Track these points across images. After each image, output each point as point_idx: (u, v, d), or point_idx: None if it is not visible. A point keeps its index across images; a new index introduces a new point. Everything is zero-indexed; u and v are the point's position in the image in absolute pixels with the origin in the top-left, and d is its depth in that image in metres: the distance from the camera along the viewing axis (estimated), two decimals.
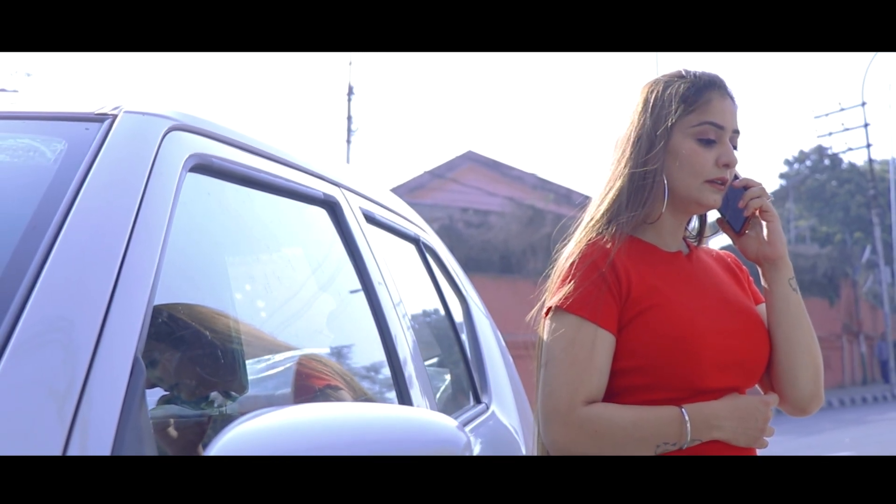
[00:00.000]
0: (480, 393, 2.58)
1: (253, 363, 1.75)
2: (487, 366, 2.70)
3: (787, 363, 1.85)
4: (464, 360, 2.61)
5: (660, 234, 1.88)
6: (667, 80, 1.86)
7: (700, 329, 1.76)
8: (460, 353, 2.62)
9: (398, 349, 1.92)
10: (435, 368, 2.76)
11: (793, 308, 1.86)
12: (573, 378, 1.72)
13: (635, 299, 1.76)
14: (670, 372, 1.74)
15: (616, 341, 1.76)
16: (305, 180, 1.80)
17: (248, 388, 1.68)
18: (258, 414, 1.02)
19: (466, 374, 2.60)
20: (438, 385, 2.72)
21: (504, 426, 2.52)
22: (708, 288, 1.87)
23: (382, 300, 1.93)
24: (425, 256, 2.61)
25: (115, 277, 1.07)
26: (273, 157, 1.68)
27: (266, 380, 1.81)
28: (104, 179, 1.20)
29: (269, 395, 1.81)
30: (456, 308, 2.78)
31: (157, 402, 1.39)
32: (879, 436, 14.81)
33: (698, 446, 1.72)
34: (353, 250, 1.91)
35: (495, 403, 2.58)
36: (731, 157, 1.81)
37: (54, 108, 1.45)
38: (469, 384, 2.59)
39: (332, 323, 1.95)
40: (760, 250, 1.87)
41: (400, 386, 1.86)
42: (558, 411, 1.72)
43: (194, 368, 1.53)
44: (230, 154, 1.51)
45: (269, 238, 1.72)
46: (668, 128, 1.80)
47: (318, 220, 1.89)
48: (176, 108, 1.43)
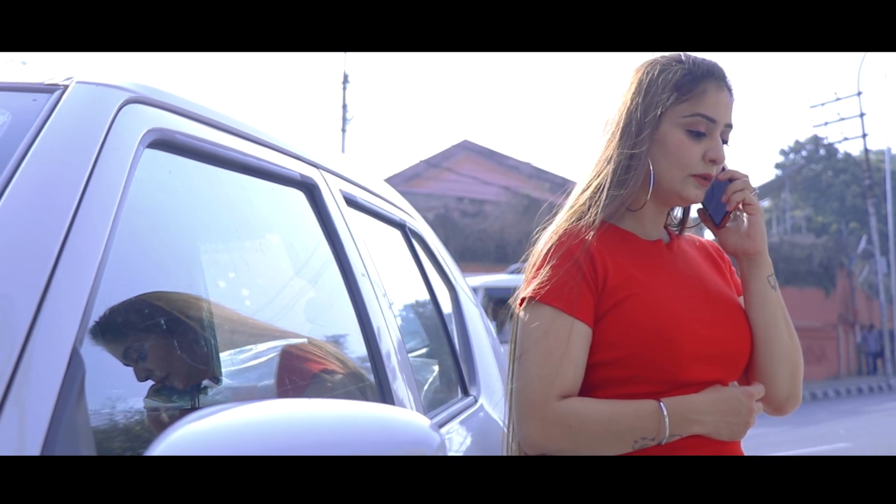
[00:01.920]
0: (469, 385, 2.49)
1: (240, 351, 1.67)
2: (476, 357, 2.61)
3: (763, 361, 1.78)
4: (451, 351, 2.51)
5: (640, 222, 1.80)
6: (663, 64, 1.76)
7: (680, 319, 1.69)
8: (448, 344, 2.52)
9: (380, 340, 1.82)
10: (422, 360, 2.66)
11: (770, 306, 1.78)
12: (548, 372, 1.65)
13: (612, 289, 1.69)
14: (649, 364, 1.67)
15: (593, 333, 1.69)
16: (281, 160, 1.70)
17: (221, 379, 1.60)
18: (212, 411, 0.92)
19: (454, 365, 2.50)
20: (426, 377, 2.62)
21: (493, 419, 2.42)
22: (688, 277, 1.79)
23: (363, 288, 1.83)
24: (411, 243, 2.50)
25: (53, 261, 0.97)
26: (245, 134, 1.58)
27: (259, 366, 1.72)
28: (48, 153, 1.10)
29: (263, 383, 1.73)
30: (444, 297, 2.68)
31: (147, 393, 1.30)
32: (875, 427, 14.78)
33: (680, 441, 1.65)
34: (332, 235, 1.81)
35: (484, 396, 2.48)
36: (718, 154, 1.73)
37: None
38: (457, 376, 2.49)
39: (309, 312, 1.85)
40: (740, 244, 1.79)
41: (381, 378, 1.76)
42: (532, 406, 1.64)
43: (179, 356, 1.44)
44: (196, 130, 1.41)
45: (240, 221, 1.61)
46: (657, 115, 1.72)
47: (295, 203, 1.79)
48: (135, 80, 1.32)
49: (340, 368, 1.75)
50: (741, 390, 1.71)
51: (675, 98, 1.72)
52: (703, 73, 1.74)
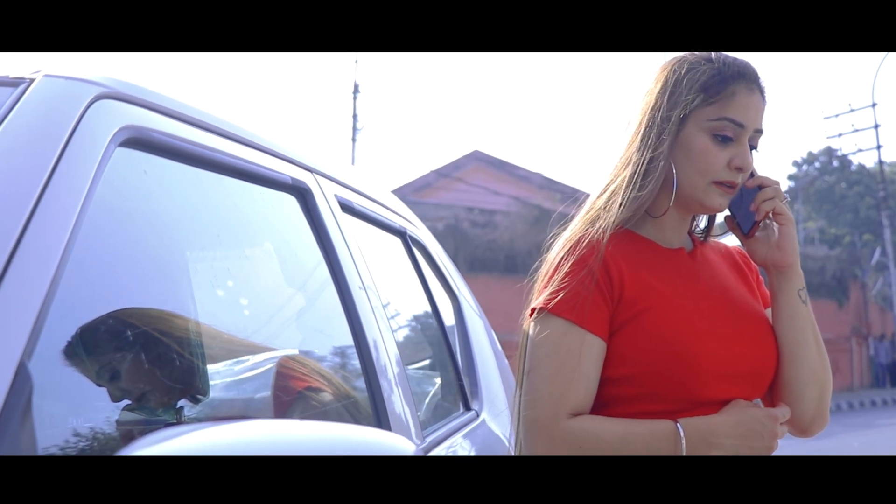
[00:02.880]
0: (470, 399, 2.39)
1: (229, 365, 1.59)
2: (479, 370, 2.51)
3: (790, 379, 1.66)
4: (452, 363, 2.42)
5: (661, 229, 1.69)
6: (691, 62, 1.65)
7: (700, 334, 1.58)
8: (449, 357, 2.42)
9: (375, 353, 1.73)
10: (424, 372, 2.57)
11: (800, 321, 1.67)
12: (558, 388, 1.55)
13: (629, 301, 1.58)
14: (666, 381, 1.56)
15: (607, 347, 1.58)
16: (271, 163, 1.62)
17: (208, 394, 1.52)
18: (160, 439, 0.83)
19: (455, 378, 2.41)
20: (428, 390, 2.54)
21: (495, 435, 2.33)
22: (711, 288, 1.68)
23: (358, 298, 1.74)
24: (412, 251, 2.41)
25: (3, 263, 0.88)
26: (231, 135, 1.49)
27: (243, 382, 1.64)
28: (6, 149, 1.01)
29: (247, 399, 1.65)
30: (446, 307, 2.59)
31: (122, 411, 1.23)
32: (889, 440, 14.60)
33: None
34: (325, 242, 1.73)
35: (486, 410, 2.39)
36: (746, 161, 1.62)
37: None
38: (458, 390, 2.40)
39: (300, 324, 1.76)
40: (770, 256, 1.68)
41: (374, 394, 1.67)
42: (541, 423, 1.54)
43: (154, 374, 1.36)
44: (177, 129, 1.33)
45: (225, 227, 1.53)
46: (681, 116, 1.62)
47: (287, 209, 1.71)
48: (108, 74, 1.24)
49: (326, 386, 1.66)
50: (764, 412, 1.59)
51: (702, 100, 1.61)
52: (734, 74, 1.63)
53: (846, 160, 48.68)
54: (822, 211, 50.84)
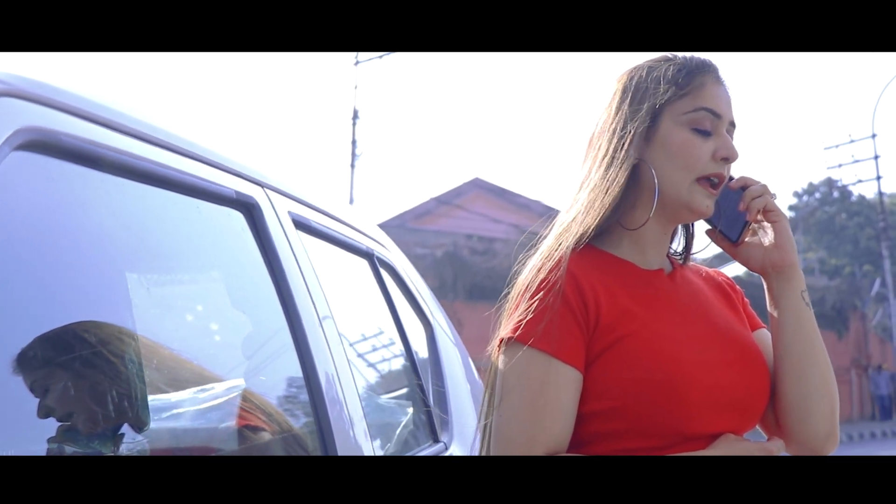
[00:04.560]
0: (440, 430, 2.26)
1: (178, 394, 1.47)
2: (451, 399, 2.38)
3: (799, 394, 1.52)
4: (421, 393, 2.28)
5: (640, 247, 1.56)
6: (651, 64, 1.55)
7: (685, 362, 1.43)
8: (417, 386, 2.29)
9: (326, 383, 1.60)
10: (398, 402, 2.44)
11: (806, 327, 1.54)
12: (531, 425, 1.40)
13: (606, 327, 1.44)
14: (650, 415, 1.41)
15: (584, 379, 1.43)
16: (212, 175, 1.49)
17: (149, 424, 1.40)
18: None
19: (424, 408, 2.27)
20: (400, 420, 2.40)
21: None
22: (695, 313, 1.53)
23: (308, 323, 1.61)
24: (380, 275, 2.28)
25: None
26: (162, 142, 1.37)
27: (187, 414, 1.51)
28: None
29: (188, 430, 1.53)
30: (417, 334, 2.45)
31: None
32: None
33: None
34: (272, 261, 1.60)
35: (457, 443, 2.26)
36: (731, 150, 1.51)
37: None
38: (427, 420, 2.26)
39: (248, 352, 1.63)
40: (768, 257, 1.56)
41: (323, 427, 1.54)
42: None
43: (83, 399, 1.26)
44: (92, 133, 1.20)
45: (153, 242, 1.40)
46: (653, 114, 1.50)
47: (232, 225, 1.58)
48: (9, 71, 1.12)
49: (266, 424, 1.53)
50: (757, 446, 1.45)
51: (673, 93, 1.50)
52: (698, 66, 1.53)
53: (846, 191, 48.70)
54: (822, 241, 50.76)
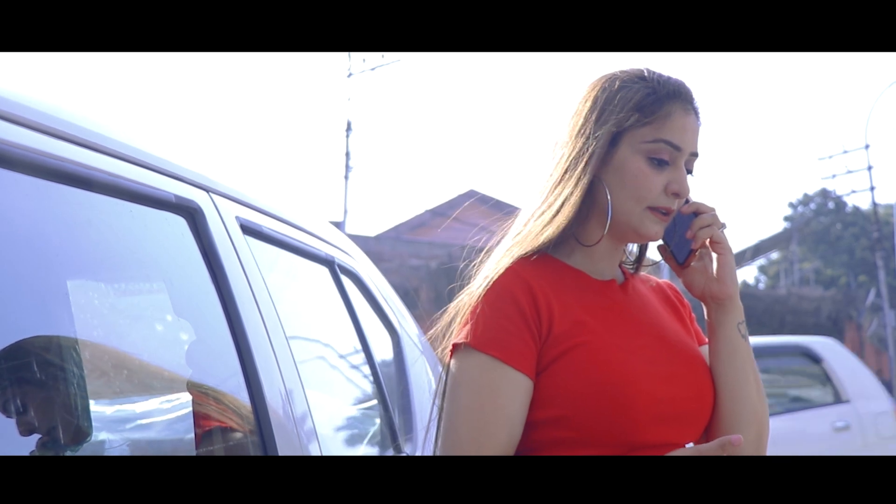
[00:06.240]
0: (402, 441, 2.21)
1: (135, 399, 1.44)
2: (416, 409, 2.34)
3: (728, 420, 1.53)
4: (382, 402, 2.24)
5: (592, 259, 1.56)
6: (623, 80, 1.52)
7: (634, 373, 1.44)
8: (379, 396, 2.25)
9: (272, 397, 1.56)
10: (365, 412, 2.40)
11: (739, 358, 1.54)
12: (478, 431, 1.41)
13: (558, 336, 1.44)
14: (599, 424, 1.42)
15: (534, 387, 1.44)
16: (149, 178, 1.45)
17: (91, 434, 1.36)
18: None
19: (386, 419, 2.23)
20: (368, 430, 2.36)
21: None
22: (644, 324, 1.54)
23: (253, 332, 1.57)
24: (341, 282, 2.24)
25: None
26: (91, 144, 1.32)
27: (132, 422, 1.48)
28: None
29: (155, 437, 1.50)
30: (381, 343, 2.41)
31: None
32: None
33: None
34: (216, 269, 1.56)
35: (420, 453, 2.21)
36: (682, 187, 1.50)
37: None
38: (389, 431, 2.22)
39: (191, 362, 1.58)
40: (708, 287, 1.56)
41: (265, 440, 1.50)
42: None
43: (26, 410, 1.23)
44: (12, 134, 1.17)
45: (76, 249, 1.35)
46: (613, 135, 1.49)
47: (173, 231, 1.54)
48: None
49: (210, 432, 1.49)
50: (712, 445, 1.43)
51: (636, 119, 1.48)
52: (669, 93, 1.50)
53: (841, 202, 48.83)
54: (817, 252, 50.83)
